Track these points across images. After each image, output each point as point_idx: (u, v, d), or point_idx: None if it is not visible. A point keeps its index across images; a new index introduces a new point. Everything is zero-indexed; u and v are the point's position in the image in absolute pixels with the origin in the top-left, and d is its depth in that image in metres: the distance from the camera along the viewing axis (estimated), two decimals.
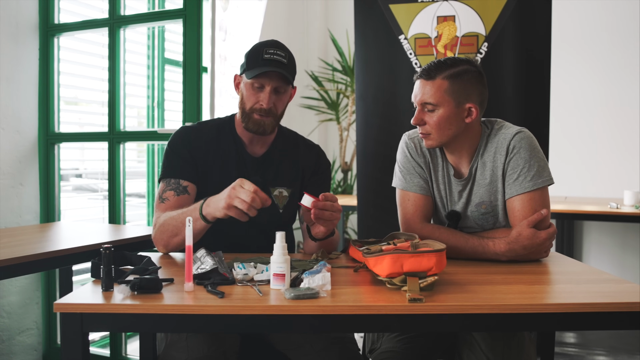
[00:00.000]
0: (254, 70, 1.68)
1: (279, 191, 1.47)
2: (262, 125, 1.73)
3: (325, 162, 1.92)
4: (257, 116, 1.72)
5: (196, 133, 1.81)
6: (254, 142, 1.82)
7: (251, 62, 1.71)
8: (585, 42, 4.13)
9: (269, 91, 1.70)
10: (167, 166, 1.77)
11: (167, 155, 1.78)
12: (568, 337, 3.46)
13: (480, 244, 1.62)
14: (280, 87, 1.72)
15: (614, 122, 4.08)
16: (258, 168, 1.81)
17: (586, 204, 3.47)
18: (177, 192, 1.72)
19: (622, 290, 1.30)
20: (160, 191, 1.75)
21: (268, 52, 1.69)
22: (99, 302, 1.18)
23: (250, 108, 1.72)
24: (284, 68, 1.69)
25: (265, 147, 1.84)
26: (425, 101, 1.65)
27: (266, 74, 1.68)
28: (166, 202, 1.72)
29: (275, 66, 1.68)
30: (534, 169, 1.63)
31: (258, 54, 1.70)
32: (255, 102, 1.71)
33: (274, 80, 1.69)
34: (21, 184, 2.87)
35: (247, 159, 1.81)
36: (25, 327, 2.90)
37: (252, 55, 1.72)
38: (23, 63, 2.90)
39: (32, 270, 1.90)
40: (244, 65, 1.75)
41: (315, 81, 4.60)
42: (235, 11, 2.99)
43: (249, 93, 1.72)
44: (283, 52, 1.71)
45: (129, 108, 3.15)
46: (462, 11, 2.29)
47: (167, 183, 1.74)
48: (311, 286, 1.24)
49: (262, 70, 1.66)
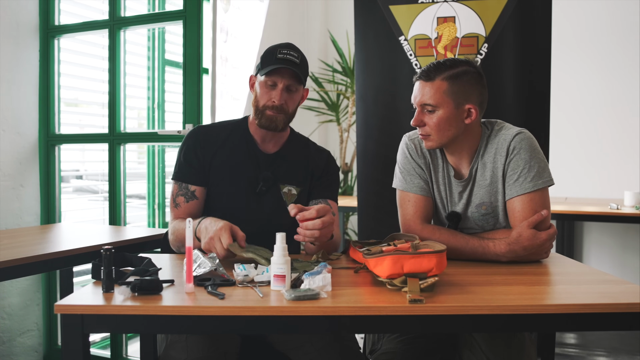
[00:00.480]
0: (267, 68, 1.75)
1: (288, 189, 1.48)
2: (274, 121, 1.79)
3: (334, 167, 1.97)
4: (270, 112, 1.78)
5: (208, 132, 1.88)
6: (267, 141, 1.87)
7: (265, 61, 1.79)
8: (585, 43, 4.13)
9: (281, 88, 1.77)
10: (178, 168, 1.86)
11: (179, 157, 1.87)
12: (568, 337, 3.46)
13: (481, 245, 1.62)
14: (292, 86, 1.79)
15: (614, 123, 4.08)
16: (270, 164, 1.86)
17: (586, 205, 3.47)
18: (186, 198, 1.82)
19: (622, 291, 1.30)
20: (173, 193, 1.85)
21: (282, 52, 1.77)
22: (99, 304, 1.18)
23: (264, 105, 1.79)
24: (296, 67, 1.76)
25: (278, 147, 1.89)
26: (425, 102, 1.65)
27: (279, 72, 1.75)
28: (178, 207, 1.82)
29: (288, 64, 1.75)
30: (534, 170, 1.63)
31: (272, 54, 1.78)
32: (268, 99, 1.78)
33: (286, 78, 1.76)
34: (22, 186, 2.88)
35: (259, 156, 1.86)
36: (26, 328, 2.90)
37: (266, 56, 1.80)
38: (23, 65, 2.90)
39: (33, 271, 1.90)
40: (258, 65, 1.82)
41: (315, 82, 4.60)
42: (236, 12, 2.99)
43: (263, 91, 1.79)
44: (296, 53, 1.79)
45: (129, 109, 3.15)
46: (462, 12, 2.29)
47: (179, 187, 1.84)
48: (312, 287, 1.25)
49: (275, 67, 1.74)
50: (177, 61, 3.33)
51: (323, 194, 1.89)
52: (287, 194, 1.44)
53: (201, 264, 1.40)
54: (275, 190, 1.83)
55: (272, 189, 1.83)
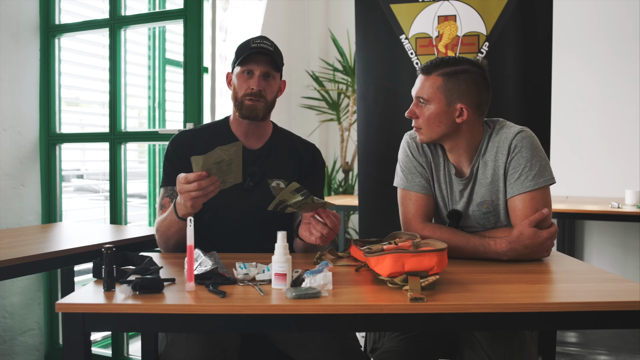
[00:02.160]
0: (243, 55, 1.79)
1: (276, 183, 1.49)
2: (254, 110, 1.81)
3: (321, 161, 1.99)
4: (249, 101, 1.80)
5: (190, 135, 1.89)
6: (250, 136, 1.88)
7: (240, 53, 1.82)
8: (586, 42, 4.13)
9: (258, 75, 1.80)
10: (164, 175, 1.87)
11: (164, 163, 1.88)
12: (569, 336, 3.46)
13: (482, 244, 1.61)
14: (269, 72, 1.81)
15: (615, 121, 4.08)
16: (256, 160, 1.86)
17: (587, 204, 3.47)
18: (172, 199, 1.81)
19: (623, 289, 1.30)
20: (160, 198, 1.85)
21: (255, 42, 1.81)
22: (100, 302, 1.18)
23: (242, 95, 1.81)
24: (271, 54, 1.80)
25: (262, 142, 1.90)
26: (419, 95, 1.67)
27: (254, 59, 1.78)
28: (164, 209, 1.81)
29: (263, 52, 1.78)
30: (536, 168, 1.62)
31: (246, 46, 1.82)
32: (247, 87, 1.80)
33: (262, 65, 1.79)
34: (23, 185, 2.88)
35: (244, 153, 1.83)
36: (27, 327, 2.91)
37: (240, 49, 1.83)
38: (24, 64, 2.90)
39: (34, 270, 1.90)
40: (234, 61, 1.85)
41: (316, 81, 4.60)
42: (235, 11, 2.99)
43: (240, 81, 1.82)
44: (269, 42, 1.83)
45: (130, 108, 3.15)
46: (463, 11, 2.29)
47: (166, 190, 1.84)
48: (312, 286, 1.25)
49: (250, 52, 1.77)
50: (177, 60, 3.34)
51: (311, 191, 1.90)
52: (276, 188, 1.45)
53: (202, 262, 1.40)
54: (263, 186, 1.83)
55: (261, 184, 1.83)
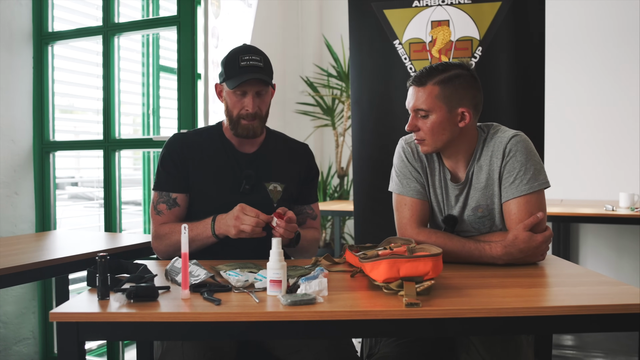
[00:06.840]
0: (234, 80, 1.75)
1: (273, 186, 1.50)
2: (251, 130, 1.81)
3: (315, 168, 2.01)
4: (245, 122, 1.80)
5: (184, 139, 1.88)
6: (244, 143, 1.89)
7: (229, 71, 1.78)
8: (579, 45, 4.15)
9: (251, 96, 1.78)
10: (158, 177, 1.86)
11: (159, 166, 1.87)
12: (565, 339, 3.46)
13: (477, 248, 1.62)
14: (262, 90, 1.80)
15: (609, 124, 4.09)
16: (251, 164, 1.86)
17: (582, 207, 3.48)
18: (169, 206, 1.82)
19: (618, 292, 1.30)
20: (154, 201, 1.85)
21: (244, 59, 1.76)
22: (95, 311, 1.18)
23: (237, 115, 1.80)
24: (262, 72, 1.77)
25: (257, 146, 1.91)
26: (418, 107, 1.66)
27: (246, 81, 1.74)
28: (161, 215, 1.83)
29: (253, 72, 1.75)
30: (530, 172, 1.63)
31: (234, 62, 1.77)
32: (241, 108, 1.79)
33: (254, 86, 1.77)
34: (16, 193, 2.86)
35: (238, 156, 1.87)
36: (21, 336, 2.88)
37: (228, 64, 1.79)
38: (17, 71, 2.89)
39: (28, 279, 1.89)
40: (222, 74, 1.82)
41: (310, 87, 4.61)
42: (226, 18, 2.99)
43: (233, 101, 1.80)
44: (258, 56, 1.78)
45: (124, 116, 3.15)
46: (456, 16, 2.30)
47: (160, 194, 1.84)
48: (308, 292, 1.24)
49: (242, 79, 1.73)
50: (171, 67, 3.33)
51: (309, 199, 1.97)
52: (273, 191, 1.46)
53: (192, 271, 1.38)
54: (259, 189, 1.83)
55: (257, 187, 1.83)
